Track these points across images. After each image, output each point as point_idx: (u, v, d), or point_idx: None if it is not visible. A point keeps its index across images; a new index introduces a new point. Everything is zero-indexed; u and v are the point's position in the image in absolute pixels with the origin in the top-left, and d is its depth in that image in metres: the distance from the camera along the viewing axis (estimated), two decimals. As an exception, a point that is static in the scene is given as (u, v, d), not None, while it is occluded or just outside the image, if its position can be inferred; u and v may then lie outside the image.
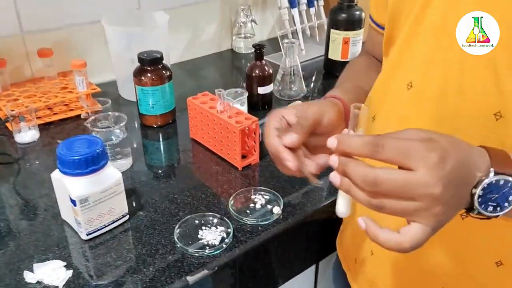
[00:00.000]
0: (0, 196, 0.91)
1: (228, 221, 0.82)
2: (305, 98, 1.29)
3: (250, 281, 0.86)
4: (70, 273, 0.73)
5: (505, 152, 0.47)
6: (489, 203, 0.45)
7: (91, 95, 1.20)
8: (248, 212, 0.86)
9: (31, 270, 0.73)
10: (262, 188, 0.91)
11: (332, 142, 0.47)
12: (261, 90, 1.20)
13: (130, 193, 0.92)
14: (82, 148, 0.76)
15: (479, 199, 0.45)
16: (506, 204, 0.46)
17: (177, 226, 0.81)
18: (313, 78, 1.46)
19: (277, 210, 0.86)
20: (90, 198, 0.76)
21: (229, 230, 0.80)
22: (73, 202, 0.75)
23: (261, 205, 0.88)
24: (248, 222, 0.83)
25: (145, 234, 0.81)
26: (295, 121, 0.59)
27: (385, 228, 0.46)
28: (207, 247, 0.77)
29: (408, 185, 0.42)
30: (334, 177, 0.48)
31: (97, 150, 0.76)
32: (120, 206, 0.82)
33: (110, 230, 0.82)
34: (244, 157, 0.99)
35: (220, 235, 0.80)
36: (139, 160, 1.03)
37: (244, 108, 1.12)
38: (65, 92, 1.20)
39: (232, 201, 0.88)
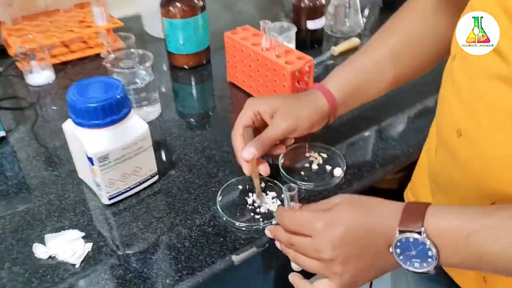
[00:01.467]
0: (10, 147, 0.78)
1: (280, 185, 0.66)
2: (359, 37, 1.09)
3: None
4: (89, 246, 0.60)
5: (421, 206, 0.46)
6: (413, 260, 0.45)
7: (112, 31, 1.03)
8: (302, 174, 0.70)
9: (42, 242, 0.60)
10: (319, 144, 0.74)
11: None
12: (311, 25, 1.01)
13: (159, 147, 0.77)
14: (99, 93, 0.61)
15: (401, 257, 0.46)
16: (429, 259, 0.44)
17: (219, 192, 0.67)
18: (366, 12, 1.24)
19: (338, 172, 0.70)
20: (111, 156, 0.61)
21: (282, 196, 0.65)
22: (90, 160, 0.61)
23: (318, 165, 0.72)
24: (303, 187, 0.68)
25: (178, 199, 0.67)
26: (269, 121, 0.65)
27: (305, 280, 0.54)
28: (256, 218, 0.63)
29: (305, 249, 0.50)
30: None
31: (118, 96, 0.60)
32: (147, 165, 0.67)
33: (137, 193, 0.67)
34: (294, 105, 0.82)
35: (273, 202, 0.65)
36: (168, 108, 0.87)
37: (292, 46, 0.94)
38: (83, 26, 1.04)
39: (282, 160, 0.72)
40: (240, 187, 0.68)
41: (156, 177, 0.69)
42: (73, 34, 1.01)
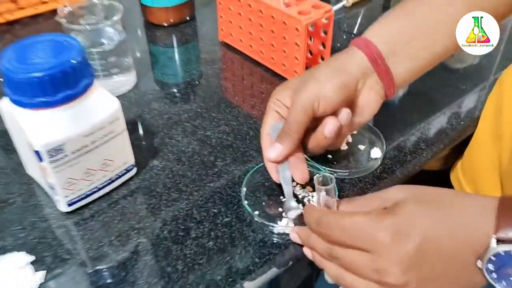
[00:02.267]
0: None
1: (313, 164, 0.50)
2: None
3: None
4: (41, 276, 0.42)
5: None
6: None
7: (71, -20, 0.82)
8: (330, 158, 0.53)
9: (-25, 271, 0.42)
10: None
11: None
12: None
13: (136, 130, 0.59)
14: (46, 57, 0.42)
15: (493, 275, 0.33)
16: None
17: (245, 182, 0.50)
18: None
19: (377, 153, 0.53)
20: (67, 147, 0.43)
21: (329, 174, 0.46)
22: (38, 154, 0.42)
23: (348, 144, 0.55)
24: (335, 175, 0.51)
25: (164, 200, 0.49)
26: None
27: None
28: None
29: (358, 267, 0.36)
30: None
31: (73, 61, 0.42)
32: (121, 155, 0.49)
33: (108, 194, 0.50)
34: (308, 68, 0.64)
35: (303, 195, 0.49)
36: (146, 77, 0.69)
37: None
38: (33, -24, 0.83)
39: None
40: (260, 176, 0.51)
41: (134, 171, 0.52)
42: (20, -15, 0.80)
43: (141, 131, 0.59)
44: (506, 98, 0.54)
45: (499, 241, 0.33)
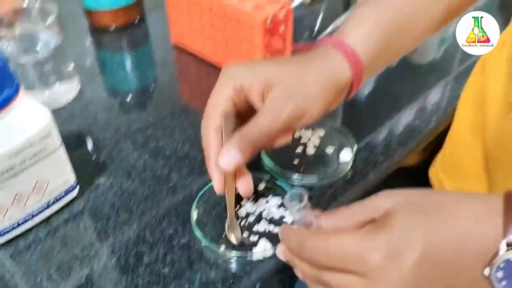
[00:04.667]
0: None
1: (280, 184, 0.45)
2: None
3: None
4: (-34, 323, 0.36)
5: None
6: None
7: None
8: (296, 164, 0.49)
9: None
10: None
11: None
12: (274, -36, 0.77)
13: (80, 143, 0.53)
14: (-45, 65, 0.35)
15: (503, 283, 0.29)
16: None
17: (195, 203, 0.44)
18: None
19: (347, 156, 0.49)
20: (-10, 170, 0.37)
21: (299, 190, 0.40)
22: (-47, 180, 0.36)
23: (316, 148, 0.51)
24: (302, 182, 0.46)
25: (112, 222, 0.44)
26: (259, 104, 0.40)
27: None
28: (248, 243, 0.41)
29: None
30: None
31: (-11, 69, 0.35)
32: (58, 175, 0.43)
33: (45, 221, 0.44)
34: (267, 69, 0.59)
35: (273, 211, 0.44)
36: (91, 84, 0.62)
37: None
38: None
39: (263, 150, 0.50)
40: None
41: (76, 191, 0.45)
42: None
43: (85, 146, 0.53)
44: (492, 83, 0.51)
45: (509, 245, 0.29)
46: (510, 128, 0.45)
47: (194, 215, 0.43)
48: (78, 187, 0.46)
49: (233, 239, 0.41)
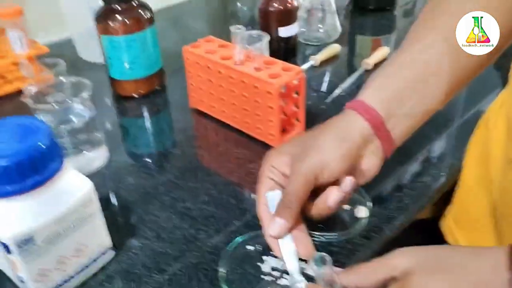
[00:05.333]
0: None
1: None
2: (337, 42, 0.93)
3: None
4: None
5: None
6: None
7: (37, 59, 0.82)
8: (315, 221, 0.52)
9: None
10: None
11: None
12: (283, 32, 0.84)
13: (111, 208, 0.56)
14: (11, 142, 0.40)
15: None
16: None
17: (222, 261, 0.47)
18: (341, 16, 1.10)
19: (362, 212, 0.52)
20: (38, 236, 0.40)
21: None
22: (6, 247, 0.39)
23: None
24: (323, 238, 0.49)
25: (144, 282, 0.46)
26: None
27: None
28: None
29: None
30: None
31: (41, 144, 0.40)
32: (96, 239, 0.46)
33: (83, 283, 0.46)
34: (282, 130, 0.63)
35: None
36: (118, 150, 0.67)
37: (265, 59, 0.76)
38: (-3, 57, 0.82)
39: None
40: (250, 247, 0.49)
41: (112, 254, 0.48)
42: (-17, 67, 0.79)
43: (116, 209, 0.56)
44: (493, 140, 0.54)
45: None
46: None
47: (222, 272, 0.46)
48: (113, 250, 0.49)
49: None
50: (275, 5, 0.81)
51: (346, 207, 0.53)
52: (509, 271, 0.32)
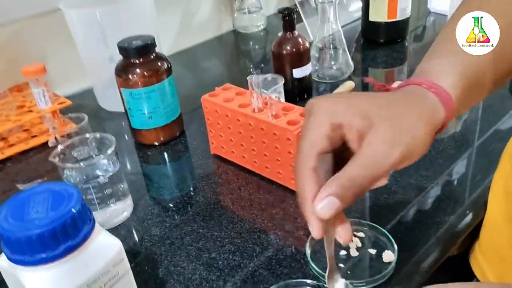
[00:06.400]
0: None
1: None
2: (350, 79, 0.94)
3: None
4: None
5: None
6: None
7: (60, 112, 0.84)
8: (342, 267, 0.52)
9: None
10: (353, 219, 0.57)
11: None
12: (298, 73, 0.85)
13: (138, 260, 0.57)
14: (44, 210, 0.41)
15: None
16: None
17: None
18: (352, 51, 1.11)
19: (389, 257, 0.52)
20: (72, 300, 0.41)
21: None
22: (41, 312, 0.40)
23: (358, 249, 0.54)
24: (354, 283, 0.49)
25: None
26: (357, 145, 0.37)
27: None
28: None
29: None
30: None
31: (73, 210, 0.41)
32: (127, 296, 0.47)
33: None
34: (304, 174, 0.64)
35: None
36: (142, 200, 0.68)
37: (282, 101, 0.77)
38: (22, 112, 0.85)
39: (309, 249, 0.53)
40: None
41: (142, 310, 0.49)
42: (10, 123, 0.81)
43: (143, 262, 0.57)
44: None
45: None
46: None
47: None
48: (142, 305, 0.49)
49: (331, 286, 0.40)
50: (288, 48, 0.83)
51: (373, 251, 0.53)
52: None
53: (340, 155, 0.39)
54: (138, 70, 0.73)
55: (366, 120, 0.37)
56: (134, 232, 0.62)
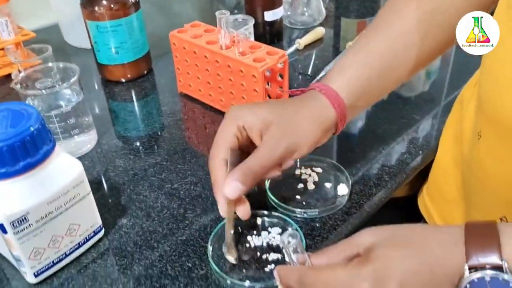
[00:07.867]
0: None
1: (286, 218, 0.51)
2: (322, 25, 0.94)
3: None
4: None
5: (489, 227, 0.35)
6: None
7: (23, 44, 0.82)
8: (298, 199, 0.54)
9: None
10: (311, 156, 0.59)
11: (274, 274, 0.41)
12: (269, 16, 0.85)
13: (101, 189, 0.58)
14: (2, 127, 0.41)
15: None
16: None
17: (211, 238, 0.49)
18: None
19: (343, 190, 0.54)
20: (32, 216, 0.42)
21: (292, 230, 0.47)
22: (1, 227, 0.41)
23: (315, 183, 0.56)
24: (305, 215, 0.52)
25: (136, 259, 0.48)
26: (258, 141, 0.47)
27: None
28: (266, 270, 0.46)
29: None
30: None
31: (32, 128, 0.41)
32: (87, 218, 0.48)
33: (76, 259, 0.48)
34: (268, 113, 0.65)
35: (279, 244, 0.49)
36: (107, 134, 0.68)
37: (251, 42, 0.77)
38: (-16, 43, 0.82)
39: (268, 184, 0.55)
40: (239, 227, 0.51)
41: (102, 232, 0.50)
42: (-29, 53, 0.79)
43: (106, 190, 0.58)
44: (466, 117, 0.57)
45: (472, 268, 0.34)
46: (479, 155, 0.51)
47: (210, 249, 0.48)
48: (103, 229, 0.50)
49: (231, 259, 0.46)
50: (260, -11, 0.82)
51: (329, 185, 0.55)
52: (465, 245, 0.35)
53: (251, 151, 0.47)
54: (104, 2, 0.71)
55: (264, 123, 0.46)
56: (98, 163, 0.62)
